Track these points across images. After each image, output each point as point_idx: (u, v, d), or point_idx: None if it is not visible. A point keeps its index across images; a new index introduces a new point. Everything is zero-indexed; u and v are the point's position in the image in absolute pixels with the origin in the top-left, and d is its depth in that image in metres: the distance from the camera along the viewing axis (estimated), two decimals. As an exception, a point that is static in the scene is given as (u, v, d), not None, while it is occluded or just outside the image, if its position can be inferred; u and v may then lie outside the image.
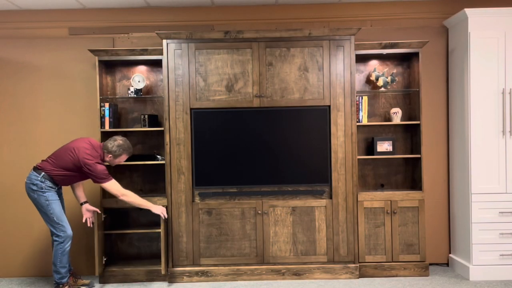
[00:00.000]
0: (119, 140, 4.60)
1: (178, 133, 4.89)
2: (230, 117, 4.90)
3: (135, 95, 5.10)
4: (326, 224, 4.90)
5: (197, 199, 4.93)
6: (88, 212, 4.74)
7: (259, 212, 4.89)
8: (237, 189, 4.92)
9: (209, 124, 4.90)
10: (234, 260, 4.91)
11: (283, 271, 4.89)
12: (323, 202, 4.91)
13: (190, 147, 4.89)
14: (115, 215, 5.15)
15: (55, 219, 4.48)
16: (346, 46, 4.87)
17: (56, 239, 4.51)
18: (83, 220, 4.72)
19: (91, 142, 4.60)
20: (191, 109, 4.89)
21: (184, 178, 4.89)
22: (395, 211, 4.95)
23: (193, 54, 4.88)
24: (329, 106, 4.90)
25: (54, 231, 4.50)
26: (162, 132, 5.11)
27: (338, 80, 4.89)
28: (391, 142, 5.09)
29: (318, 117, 4.91)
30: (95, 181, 4.54)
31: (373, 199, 4.96)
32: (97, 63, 4.95)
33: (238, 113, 4.89)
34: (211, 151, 4.90)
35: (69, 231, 4.52)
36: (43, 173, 4.50)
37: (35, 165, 4.60)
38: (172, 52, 4.88)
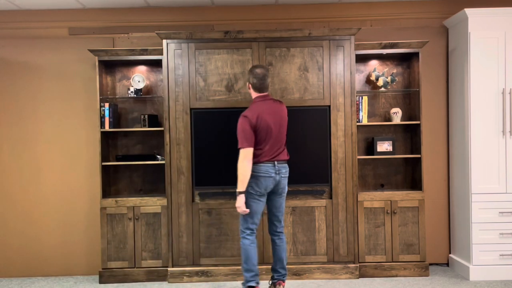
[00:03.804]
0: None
1: (178, 133, 4.89)
2: (230, 117, 4.89)
3: (135, 95, 5.10)
4: (326, 224, 4.90)
5: (197, 199, 4.93)
6: None
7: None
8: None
9: (209, 124, 4.90)
10: (234, 260, 4.91)
11: (283, 271, 4.89)
12: (323, 202, 4.91)
13: (190, 147, 4.89)
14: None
15: None
16: (346, 46, 4.87)
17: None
18: None
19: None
20: (191, 109, 4.89)
21: (184, 178, 4.89)
22: (395, 211, 4.95)
23: (193, 54, 4.87)
24: (329, 106, 4.90)
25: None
26: (162, 132, 5.11)
27: (338, 80, 4.89)
28: (391, 142, 5.09)
29: (318, 117, 4.90)
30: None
31: (373, 199, 4.96)
32: (97, 63, 4.95)
33: (238, 113, 4.87)
34: (211, 151, 4.90)
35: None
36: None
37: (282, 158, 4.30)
38: (172, 52, 4.88)
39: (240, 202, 4.17)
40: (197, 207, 4.91)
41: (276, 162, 4.24)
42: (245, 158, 4.14)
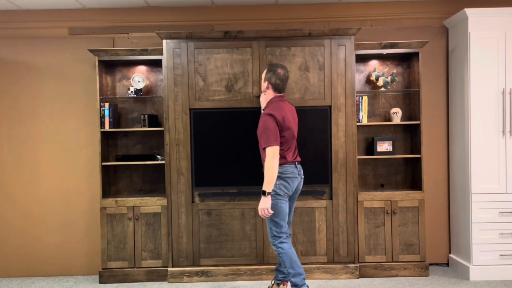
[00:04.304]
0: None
1: (177, 134, 4.88)
2: (230, 118, 4.87)
3: (135, 95, 5.10)
4: (326, 225, 4.90)
5: (197, 200, 4.93)
6: None
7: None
8: (237, 189, 4.91)
9: (209, 125, 4.88)
10: (234, 260, 4.91)
11: (283, 271, 4.88)
12: (323, 203, 4.91)
13: (189, 147, 4.88)
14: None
15: None
16: (348, 45, 4.84)
17: None
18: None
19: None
20: (190, 109, 4.88)
21: (183, 178, 4.88)
22: (395, 211, 4.95)
23: (192, 53, 4.85)
24: (330, 107, 4.88)
25: None
26: (162, 132, 5.10)
27: (340, 79, 4.87)
28: (391, 142, 5.09)
29: (319, 117, 4.88)
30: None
31: (373, 199, 4.96)
32: (97, 63, 4.95)
33: (238, 114, 4.88)
34: (211, 151, 4.88)
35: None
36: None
37: (297, 159, 4.25)
38: (170, 52, 4.85)
39: (267, 203, 4.02)
40: (197, 208, 4.90)
41: (296, 163, 4.22)
42: (273, 156, 3.99)
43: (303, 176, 4.29)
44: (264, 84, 4.23)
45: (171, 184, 4.88)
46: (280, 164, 4.08)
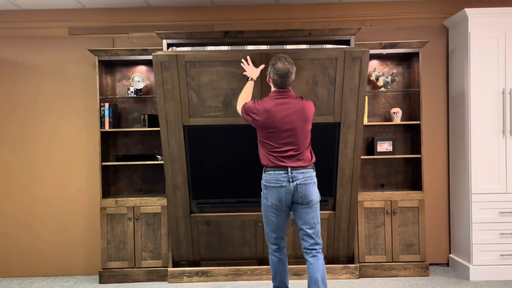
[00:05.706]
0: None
1: (171, 151, 4.62)
2: (228, 134, 4.53)
3: (135, 95, 5.10)
4: (328, 233, 4.82)
5: (195, 211, 4.81)
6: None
7: (260, 224, 4.78)
8: (236, 200, 4.79)
9: (205, 141, 4.54)
10: (235, 263, 4.90)
11: (283, 271, 4.87)
12: (325, 214, 4.76)
13: (185, 165, 4.62)
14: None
15: None
16: (364, 58, 4.35)
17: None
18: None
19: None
20: (184, 126, 4.53)
21: (180, 193, 4.72)
22: (395, 211, 4.95)
23: (183, 67, 4.37)
24: (339, 123, 4.53)
25: None
26: (162, 132, 5.08)
27: (352, 96, 4.44)
28: (391, 142, 5.09)
29: (326, 134, 4.52)
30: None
31: (373, 199, 4.95)
32: (97, 63, 4.95)
33: (236, 130, 4.50)
34: (208, 168, 4.63)
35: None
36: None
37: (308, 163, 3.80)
38: (158, 65, 4.36)
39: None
40: (196, 219, 4.80)
41: (290, 168, 3.70)
42: (240, 110, 3.91)
43: (303, 182, 3.72)
44: (267, 79, 3.95)
45: (168, 197, 4.75)
46: (264, 170, 3.82)
